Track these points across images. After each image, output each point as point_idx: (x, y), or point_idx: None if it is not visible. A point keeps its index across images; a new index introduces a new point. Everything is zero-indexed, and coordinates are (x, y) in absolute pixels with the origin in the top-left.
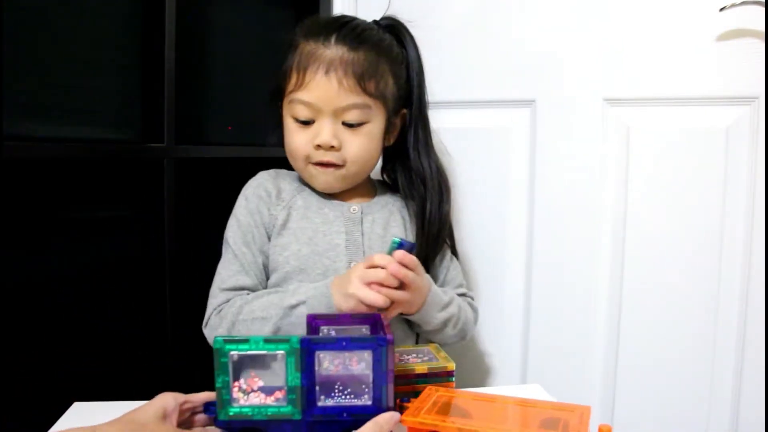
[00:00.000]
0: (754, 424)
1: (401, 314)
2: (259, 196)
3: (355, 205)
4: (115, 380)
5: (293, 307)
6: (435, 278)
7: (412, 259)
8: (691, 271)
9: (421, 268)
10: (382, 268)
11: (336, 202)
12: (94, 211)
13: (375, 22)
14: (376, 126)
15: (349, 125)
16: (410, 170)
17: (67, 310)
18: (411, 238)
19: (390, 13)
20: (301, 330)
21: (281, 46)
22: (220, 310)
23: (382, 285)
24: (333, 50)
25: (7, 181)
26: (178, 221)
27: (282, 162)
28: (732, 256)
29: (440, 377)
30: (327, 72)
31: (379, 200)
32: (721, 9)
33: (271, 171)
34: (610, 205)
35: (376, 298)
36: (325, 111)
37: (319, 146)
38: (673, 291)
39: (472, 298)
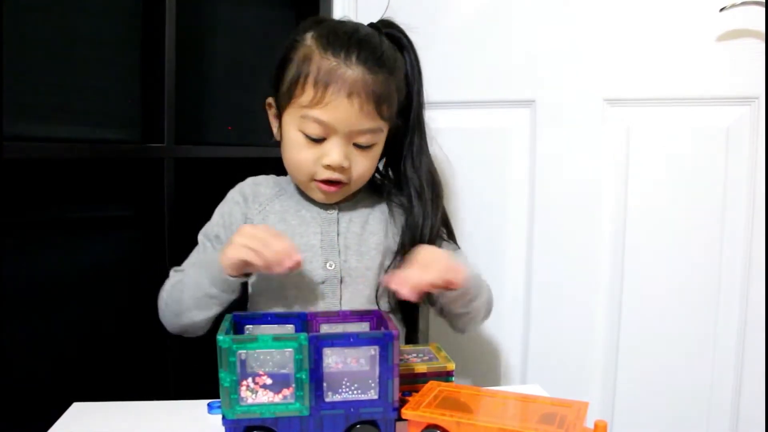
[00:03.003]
0: (754, 424)
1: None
2: (235, 201)
3: (333, 206)
4: (115, 380)
5: (200, 267)
6: None
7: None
8: (691, 270)
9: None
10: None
11: (314, 205)
12: (94, 211)
13: (374, 26)
14: (380, 145)
15: (360, 146)
16: (401, 178)
17: (67, 310)
18: (391, 236)
19: (390, 14)
20: (214, 291)
21: (285, 46)
22: (165, 287)
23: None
24: (354, 71)
25: (7, 181)
26: (178, 221)
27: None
28: (732, 255)
29: (440, 377)
30: (350, 95)
31: (359, 199)
32: (721, 9)
33: (258, 177)
34: (610, 205)
35: (253, 256)
36: (340, 132)
37: (328, 166)
38: (674, 290)
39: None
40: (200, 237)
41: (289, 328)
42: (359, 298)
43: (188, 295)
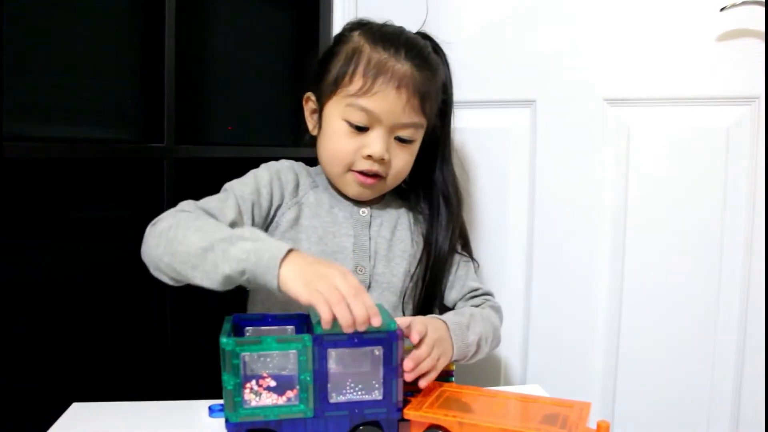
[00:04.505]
0: (754, 423)
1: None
2: (278, 178)
3: (364, 208)
4: (114, 380)
5: (240, 238)
6: (444, 281)
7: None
8: (691, 270)
9: (424, 322)
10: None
11: (346, 203)
12: (94, 211)
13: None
14: (418, 143)
15: (401, 140)
16: (432, 185)
17: (67, 311)
18: (416, 242)
19: (390, 16)
20: (226, 267)
21: (330, 44)
22: (180, 213)
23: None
24: (404, 65)
25: (7, 181)
26: None
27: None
28: (732, 255)
29: (440, 377)
30: (398, 87)
31: (388, 203)
32: (721, 9)
33: (294, 163)
34: (610, 205)
35: (344, 311)
36: (385, 123)
37: (369, 156)
38: (674, 290)
39: (491, 295)
40: (229, 191)
41: (290, 330)
42: (384, 303)
43: (198, 241)
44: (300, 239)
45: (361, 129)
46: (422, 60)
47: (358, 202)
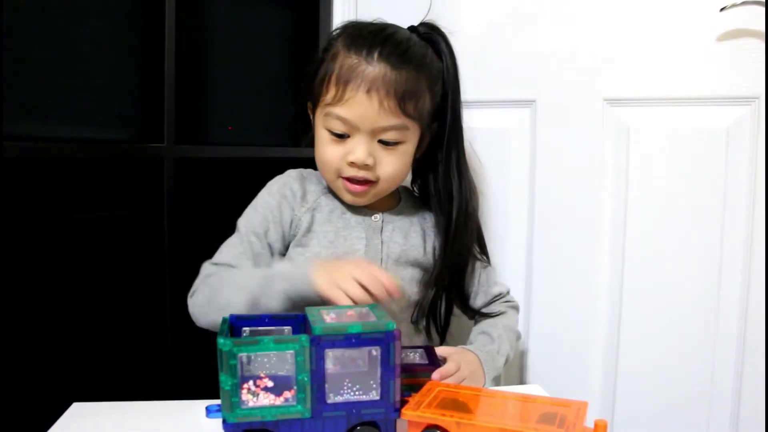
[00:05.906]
0: (754, 423)
1: None
2: (284, 195)
3: (377, 213)
4: (114, 380)
5: (273, 277)
6: (468, 288)
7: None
8: (691, 271)
9: (458, 355)
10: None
11: (359, 208)
12: (94, 211)
13: (413, 28)
14: (410, 144)
15: (385, 143)
16: (439, 186)
17: (67, 311)
18: (427, 250)
19: (392, 17)
20: (275, 303)
21: (321, 50)
22: (209, 279)
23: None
24: (375, 68)
25: (7, 181)
26: (178, 221)
27: (287, 163)
28: (732, 255)
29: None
30: (368, 91)
31: (401, 209)
32: (721, 9)
33: (300, 171)
34: (610, 205)
35: (360, 294)
36: (363, 129)
37: (352, 163)
38: (674, 290)
39: (508, 292)
40: (243, 229)
41: (287, 330)
42: (394, 307)
43: (241, 297)
44: (311, 244)
45: (342, 136)
46: (399, 56)
47: (371, 207)
